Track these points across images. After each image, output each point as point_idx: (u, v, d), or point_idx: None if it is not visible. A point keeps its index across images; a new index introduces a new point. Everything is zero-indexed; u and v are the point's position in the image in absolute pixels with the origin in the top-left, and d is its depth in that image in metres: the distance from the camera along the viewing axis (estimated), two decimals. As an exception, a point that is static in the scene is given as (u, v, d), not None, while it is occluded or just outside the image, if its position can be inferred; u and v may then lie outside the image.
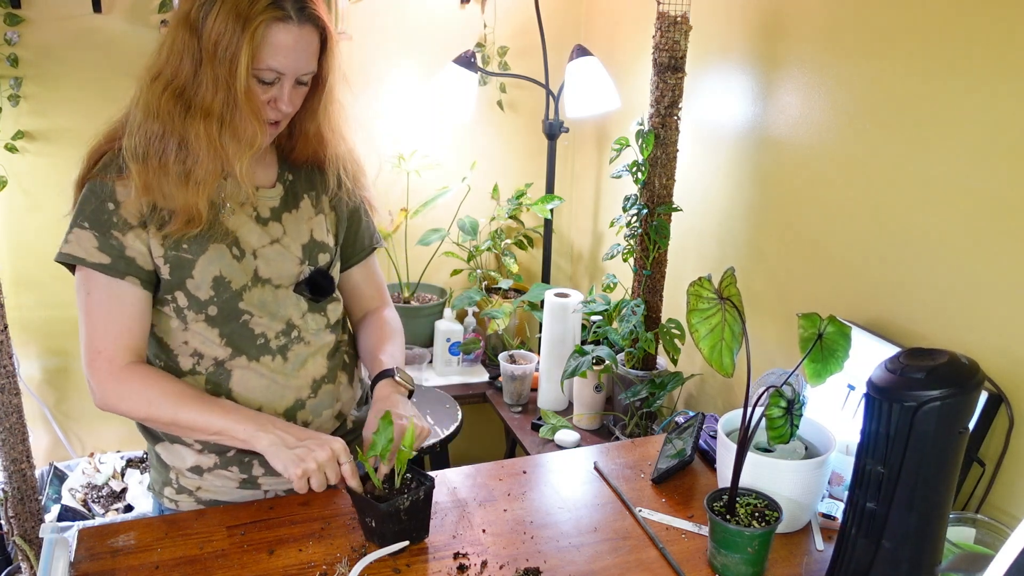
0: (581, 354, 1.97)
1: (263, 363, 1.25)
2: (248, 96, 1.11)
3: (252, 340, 1.25)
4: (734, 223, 1.90)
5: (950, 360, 0.97)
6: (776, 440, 1.14)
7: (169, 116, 1.11)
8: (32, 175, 2.29)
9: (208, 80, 1.09)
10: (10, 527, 2.14)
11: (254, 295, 1.24)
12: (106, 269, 1.15)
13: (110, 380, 1.16)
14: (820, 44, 1.60)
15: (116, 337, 1.17)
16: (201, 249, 1.19)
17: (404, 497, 1.13)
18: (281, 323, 1.27)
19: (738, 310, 1.10)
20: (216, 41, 1.08)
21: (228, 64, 1.08)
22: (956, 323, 1.33)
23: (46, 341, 2.44)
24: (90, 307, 1.18)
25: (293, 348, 1.28)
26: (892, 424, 0.97)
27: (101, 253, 1.15)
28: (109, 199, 1.16)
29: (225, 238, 1.21)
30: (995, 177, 1.25)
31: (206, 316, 1.22)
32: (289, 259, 1.27)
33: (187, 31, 1.10)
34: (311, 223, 1.30)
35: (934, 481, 0.97)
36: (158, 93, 1.11)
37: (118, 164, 1.16)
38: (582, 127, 2.59)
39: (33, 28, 2.19)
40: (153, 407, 1.16)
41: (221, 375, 1.24)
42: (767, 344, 1.77)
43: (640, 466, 1.42)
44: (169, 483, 1.30)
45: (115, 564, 1.11)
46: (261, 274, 1.24)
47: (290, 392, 1.28)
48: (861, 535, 1.02)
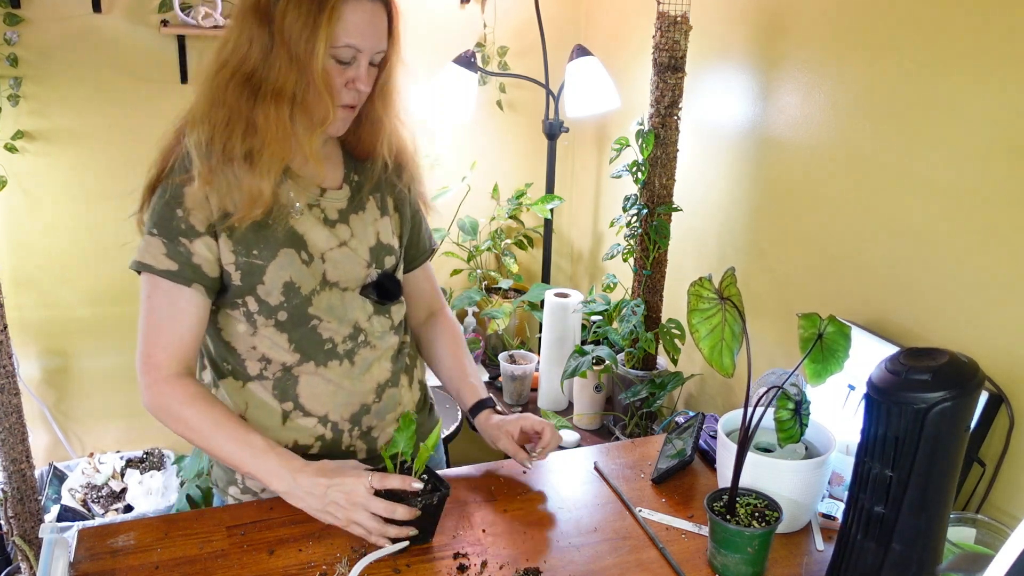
0: (581, 354, 1.97)
1: (330, 368, 1.25)
2: (324, 75, 1.11)
3: (320, 345, 1.24)
4: (734, 223, 1.90)
5: (951, 360, 0.96)
6: (786, 441, 1.14)
7: (236, 102, 1.10)
8: (32, 175, 2.29)
9: (281, 62, 1.09)
10: (10, 527, 2.14)
11: (323, 299, 1.22)
12: (173, 276, 1.14)
13: (155, 388, 1.15)
14: (820, 44, 1.60)
15: (167, 344, 1.15)
16: (272, 255, 1.18)
17: (417, 500, 1.10)
18: (348, 327, 1.25)
19: (738, 310, 1.10)
20: (292, 23, 1.07)
21: (304, 44, 1.08)
22: (956, 323, 1.33)
23: (46, 341, 2.44)
24: (149, 311, 1.16)
25: (360, 352, 1.27)
26: (901, 427, 0.95)
27: (169, 260, 1.14)
28: (178, 205, 1.14)
29: (294, 242, 1.19)
30: (995, 177, 1.25)
31: (276, 321, 1.21)
32: (356, 262, 1.25)
33: (255, 19, 1.09)
34: (377, 225, 1.29)
35: (942, 482, 0.97)
36: (224, 82, 1.11)
37: (185, 165, 1.15)
38: (582, 127, 2.59)
39: (33, 28, 2.19)
40: (189, 430, 1.15)
41: (288, 381, 1.23)
42: (767, 344, 1.77)
43: (640, 466, 1.42)
44: (234, 483, 1.30)
45: (115, 564, 1.11)
46: (329, 278, 1.23)
47: (356, 397, 1.27)
48: (869, 539, 1.01)
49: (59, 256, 2.39)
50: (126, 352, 2.54)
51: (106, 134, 2.33)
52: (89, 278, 2.43)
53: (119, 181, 2.38)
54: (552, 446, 1.32)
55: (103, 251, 2.43)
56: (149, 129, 2.37)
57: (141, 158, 2.59)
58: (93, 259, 2.42)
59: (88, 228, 2.39)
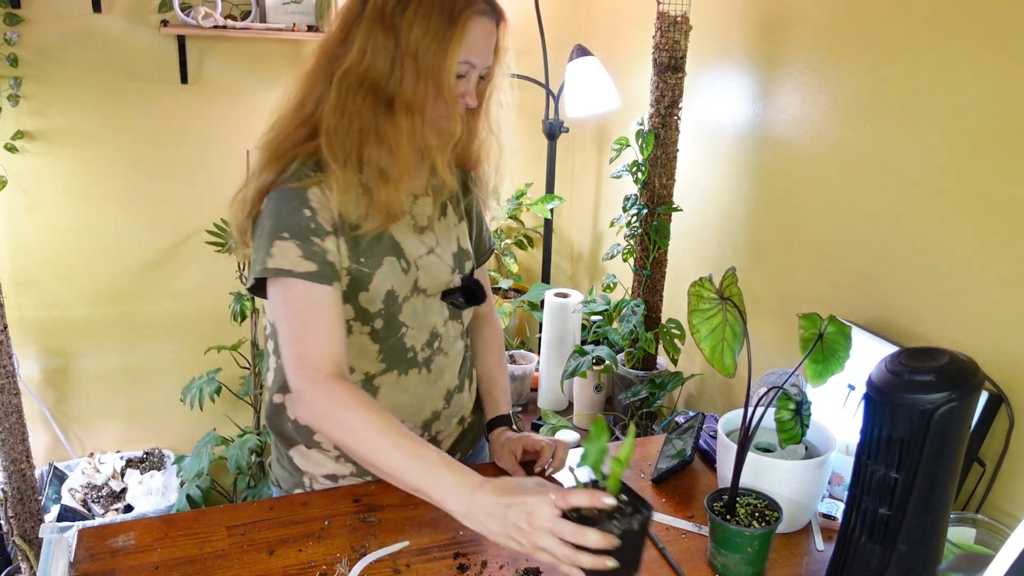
0: (581, 354, 1.97)
1: (410, 376, 1.26)
2: (453, 89, 1.11)
3: (404, 354, 1.24)
4: (734, 223, 1.90)
5: (952, 360, 0.96)
6: (787, 442, 1.14)
7: (369, 114, 1.10)
8: (32, 175, 2.30)
9: (409, 75, 1.08)
10: (10, 527, 2.14)
11: (410, 305, 1.23)
12: (313, 277, 1.09)
13: (315, 390, 1.07)
14: (820, 44, 1.60)
15: (317, 344, 1.08)
16: (377, 263, 1.17)
17: (614, 524, 0.91)
18: (427, 333, 1.26)
19: (739, 310, 1.10)
20: (420, 36, 1.06)
21: (433, 58, 1.07)
22: (956, 323, 1.33)
23: (46, 341, 2.44)
24: (290, 316, 1.09)
25: (435, 360, 1.28)
26: (906, 428, 0.95)
27: (307, 262, 1.09)
28: (304, 206, 1.10)
29: (395, 250, 1.19)
30: (995, 177, 1.25)
31: (371, 330, 1.21)
32: (443, 268, 1.26)
33: (382, 28, 1.08)
34: (456, 230, 1.30)
35: (947, 482, 0.97)
36: (353, 92, 1.09)
37: (306, 170, 1.12)
38: (582, 127, 2.59)
39: (33, 28, 2.19)
40: (353, 437, 1.05)
41: (368, 389, 1.24)
42: (767, 344, 1.77)
43: (640, 466, 1.42)
44: (301, 486, 1.30)
45: (115, 564, 1.11)
46: (420, 284, 1.23)
47: (428, 404, 1.29)
48: (874, 541, 1.01)
49: (59, 256, 2.39)
50: (126, 352, 2.54)
51: (106, 134, 2.33)
52: (89, 278, 2.44)
53: (119, 181, 2.39)
54: (559, 465, 1.33)
55: (103, 251, 2.43)
56: (149, 129, 2.40)
57: (141, 158, 2.61)
58: (93, 259, 2.43)
59: (88, 228, 2.39)
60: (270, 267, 1.08)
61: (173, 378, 2.55)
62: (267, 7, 2.34)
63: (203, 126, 2.42)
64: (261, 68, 2.43)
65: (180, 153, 2.42)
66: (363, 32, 1.09)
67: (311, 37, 2.38)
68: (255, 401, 2.49)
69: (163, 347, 2.58)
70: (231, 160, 2.44)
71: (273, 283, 1.11)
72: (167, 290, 2.53)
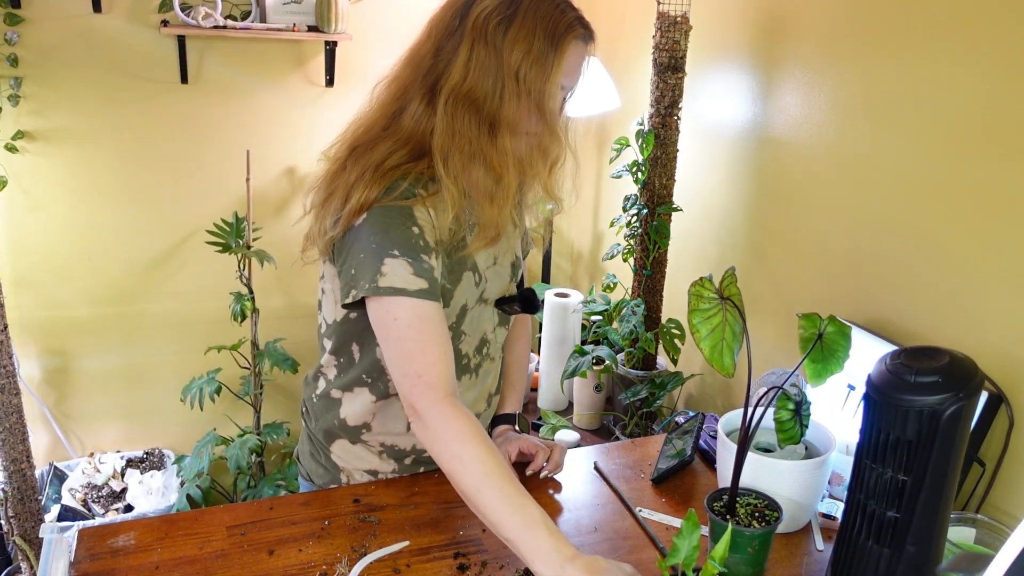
0: (581, 354, 1.97)
1: (461, 382, 1.25)
2: (555, 113, 1.10)
3: (459, 361, 1.23)
4: (734, 223, 1.90)
5: (953, 359, 0.96)
6: (787, 442, 1.14)
7: (475, 135, 1.08)
8: (32, 175, 2.30)
9: (510, 96, 1.06)
10: (10, 527, 2.14)
11: (472, 314, 1.23)
12: (425, 295, 1.08)
13: (435, 410, 1.06)
14: (820, 44, 1.60)
15: (435, 362, 1.07)
16: (457, 279, 1.17)
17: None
18: (478, 339, 1.26)
19: (739, 310, 1.10)
20: (521, 58, 1.05)
21: (535, 81, 1.05)
22: (956, 323, 1.33)
23: (46, 341, 2.44)
24: (405, 335, 1.08)
25: (483, 365, 1.30)
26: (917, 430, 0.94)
27: (419, 279, 1.07)
28: (412, 223, 1.09)
29: (471, 265, 1.19)
30: (995, 177, 1.25)
31: None
32: (504, 277, 1.27)
33: (484, 46, 1.06)
34: (511, 239, 1.29)
35: (952, 482, 0.97)
36: (460, 111, 1.07)
37: (417, 189, 1.11)
38: (582, 127, 2.59)
39: (33, 28, 2.19)
40: (464, 471, 1.04)
41: None
42: (767, 344, 1.77)
43: (640, 466, 1.42)
44: (337, 481, 1.32)
45: (115, 564, 1.11)
46: (484, 295, 1.23)
47: (473, 408, 1.30)
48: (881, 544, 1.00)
49: (59, 256, 2.39)
50: (126, 352, 2.54)
51: (106, 134, 2.33)
52: (89, 278, 2.44)
53: (119, 181, 2.39)
54: (555, 468, 1.33)
55: (103, 251, 2.43)
56: (149, 129, 2.40)
57: (141, 158, 2.61)
58: (93, 259, 2.43)
59: (88, 228, 2.40)
60: (382, 285, 1.06)
61: (173, 378, 2.55)
62: (267, 7, 2.34)
63: (203, 126, 2.42)
64: (261, 68, 2.43)
65: (180, 153, 2.42)
66: (465, 48, 1.07)
67: (311, 37, 2.37)
68: (255, 401, 2.49)
69: (163, 347, 2.58)
70: (231, 160, 2.44)
71: (380, 300, 1.08)
72: (167, 290, 2.53)
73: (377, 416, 1.26)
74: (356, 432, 1.28)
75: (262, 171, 2.43)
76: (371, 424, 1.27)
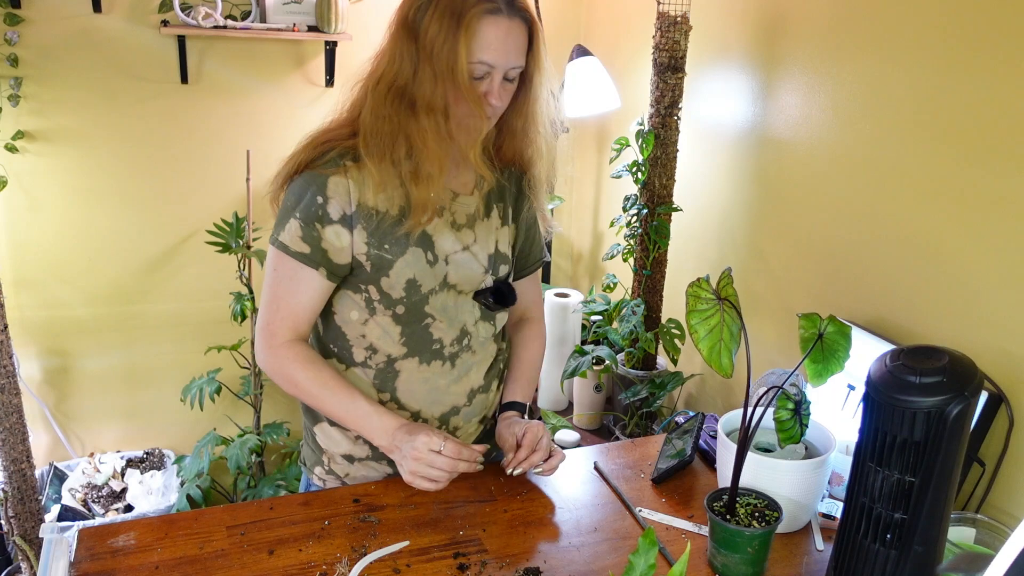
0: (581, 354, 1.97)
1: (432, 368, 1.29)
2: (469, 87, 1.13)
3: (428, 344, 1.27)
4: (734, 223, 1.90)
5: (954, 359, 0.96)
6: (787, 441, 1.14)
7: (396, 116, 1.15)
8: (32, 175, 2.30)
9: (427, 77, 1.12)
10: (10, 527, 2.14)
11: (439, 299, 1.26)
12: (302, 258, 1.20)
13: (270, 352, 1.24)
14: (820, 44, 1.60)
15: (285, 317, 1.23)
16: (401, 251, 1.22)
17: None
18: (457, 329, 1.29)
19: (736, 310, 1.10)
20: (433, 38, 1.10)
21: (445, 59, 1.11)
22: (956, 323, 1.33)
23: (46, 341, 2.44)
24: (273, 284, 1.23)
25: (462, 356, 1.31)
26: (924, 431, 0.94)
27: (303, 244, 1.20)
28: (320, 193, 1.19)
29: (423, 242, 1.23)
30: (995, 177, 1.25)
31: (394, 313, 1.25)
32: (476, 267, 1.28)
33: (405, 34, 1.14)
34: (497, 233, 1.31)
35: (954, 482, 0.97)
36: (383, 95, 1.15)
37: (343, 160, 1.19)
38: (582, 127, 2.59)
39: (33, 28, 2.19)
40: (299, 391, 1.24)
41: (389, 373, 1.28)
42: (767, 344, 1.77)
43: (640, 466, 1.42)
44: (320, 464, 1.35)
45: (115, 564, 1.11)
46: (450, 280, 1.26)
47: (449, 399, 1.31)
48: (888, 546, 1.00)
49: (59, 256, 2.39)
50: (126, 352, 2.54)
51: (106, 134, 2.33)
52: (89, 278, 2.43)
53: (119, 181, 2.39)
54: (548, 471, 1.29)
55: (103, 251, 2.43)
56: (149, 129, 2.40)
57: (141, 158, 2.61)
58: (93, 259, 2.42)
59: (88, 228, 2.39)
60: (278, 239, 1.21)
61: (173, 378, 2.55)
62: (267, 7, 2.34)
63: (203, 126, 2.42)
64: (261, 68, 2.43)
65: (180, 153, 2.42)
66: (391, 40, 1.16)
67: (311, 37, 2.37)
68: (255, 401, 2.49)
69: (163, 347, 2.58)
70: (231, 160, 2.44)
71: (272, 251, 1.23)
72: (167, 290, 2.53)
73: None
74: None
75: (262, 171, 2.43)
76: None
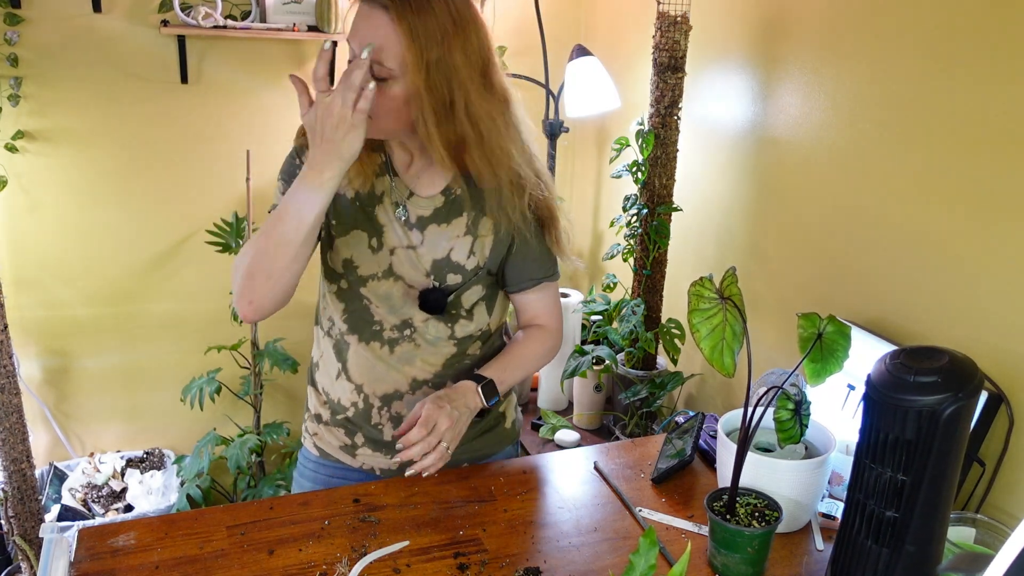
0: (581, 354, 1.97)
1: (371, 348, 1.32)
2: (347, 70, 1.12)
3: (368, 324, 1.31)
4: (734, 223, 1.90)
5: (953, 359, 0.96)
6: (787, 441, 1.14)
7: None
8: (32, 175, 2.30)
9: None
10: (10, 527, 2.14)
11: (381, 286, 1.29)
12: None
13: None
14: (820, 44, 1.60)
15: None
16: (344, 231, 1.28)
17: None
18: (398, 319, 1.30)
19: (739, 310, 1.10)
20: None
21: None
22: (956, 323, 1.33)
23: (46, 341, 2.44)
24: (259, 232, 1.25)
25: (402, 344, 1.31)
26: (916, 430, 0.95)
27: (279, 197, 1.28)
28: (297, 156, 1.28)
29: (370, 228, 1.27)
30: (994, 176, 1.25)
31: (338, 288, 1.32)
32: (418, 268, 1.28)
33: None
34: (455, 241, 1.28)
35: (951, 482, 0.97)
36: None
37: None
38: (582, 127, 2.59)
39: (33, 28, 2.19)
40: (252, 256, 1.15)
41: (343, 345, 1.34)
42: (767, 344, 1.77)
43: (640, 466, 1.42)
44: (304, 421, 1.45)
45: (115, 564, 1.11)
46: (395, 270, 1.28)
47: (390, 381, 1.33)
48: (880, 544, 1.00)
49: (59, 256, 2.39)
50: (126, 352, 2.54)
51: (106, 134, 2.33)
52: (89, 278, 2.44)
53: (119, 181, 2.39)
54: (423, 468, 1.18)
55: (103, 251, 2.43)
56: (149, 129, 2.40)
57: (141, 158, 2.61)
58: (93, 259, 2.42)
59: (88, 228, 2.39)
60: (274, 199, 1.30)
61: (173, 378, 2.55)
62: (267, 7, 2.34)
63: (203, 126, 2.42)
64: (261, 68, 2.43)
65: (180, 153, 2.42)
66: None
67: (311, 37, 2.37)
68: (255, 401, 2.49)
69: (163, 347, 2.58)
70: (231, 160, 2.44)
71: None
72: (167, 290, 2.53)
73: (322, 358, 1.38)
74: (311, 375, 1.42)
75: (262, 171, 2.43)
76: (319, 363, 1.39)
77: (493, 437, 1.44)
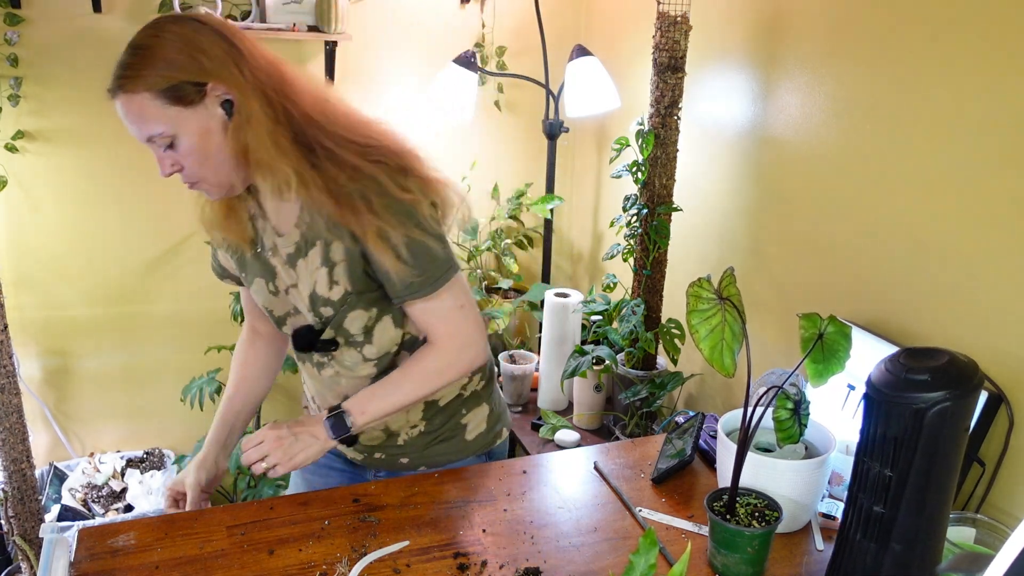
0: (581, 354, 1.97)
1: (307, 368, 1.39)
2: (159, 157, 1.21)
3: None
4: (734, 223, 1.90)
5: (951, 360, 0.97)
6: (786, 441, 1.14)
7: None
8: (32, 175, 2.29)
9: None
10: (10, 527, 2.14)
11: (298, 320, 1.33)
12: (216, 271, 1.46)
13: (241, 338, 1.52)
14: (820, 44, 1.60)
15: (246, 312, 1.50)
16: (250, 280, 1.35)
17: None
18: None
19: (738, 310, 1.10)
20: None
21: None
22: (956, 323, 1.33)
23: (46, 341, 2.44)
24: None
25: (326, 369, 1.34)
26: (901, 427, 0.96)
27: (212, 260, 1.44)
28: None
29: (266, 274, 1.32)
30: (995, 176, 1.25)
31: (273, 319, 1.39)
32: (302, 305, 1.29)
33: None
34: (316, 275, 1.24)
35: (943, 482, 0.97)
36: None
37: None
38: (582, 127, 2.59)
39: (33, 28, 2.19)
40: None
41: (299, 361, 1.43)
42: (767, 344, 1.77)
43: (640, 466, 1.42)
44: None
45: (115, 564, 1.11)
46: (297, 308, 1.32)
47: (329, 396, 1.38)
48: (869, 539, 1.01)
49: (59, 256, 2.39)
50: (126, 352, 2.54)
51: (106, 134, 2.33)
52: (89, 278, 2.43)
53: (119, 181, 2.39)
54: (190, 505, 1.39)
55: (103, 251, 2.43)
56: (149, 129, 2.38)
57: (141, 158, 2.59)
58: (93, 259, 2.42)
59: (88, 228, 2.39)
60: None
61: (173, 378, 2.55)
62: (267, 7, 2.34)
63: (203, 126, 2.42)
64: (261, 68, 2.42)
65: (180, 153, 2.42)
66: None
67: (311, 37, 2.37)
68: (255, 401, 2.49)
69: (163, 347, 2.58)
70: (231, 160, 2.44)
71: None
72: (167, 290, 2.53)
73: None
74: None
75: (262, 171, 2.42)
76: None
77: (449, 447, 1.38)
